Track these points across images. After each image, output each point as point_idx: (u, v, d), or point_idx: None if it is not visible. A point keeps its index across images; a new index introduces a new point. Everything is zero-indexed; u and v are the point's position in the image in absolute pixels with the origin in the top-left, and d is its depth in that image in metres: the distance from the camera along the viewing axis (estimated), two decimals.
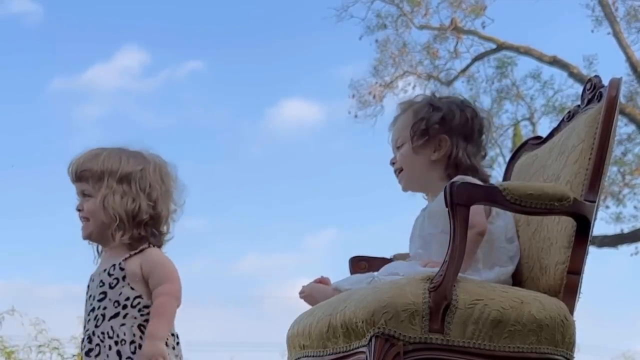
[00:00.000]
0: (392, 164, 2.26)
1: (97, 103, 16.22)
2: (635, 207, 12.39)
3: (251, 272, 15.93)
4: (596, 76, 2.13)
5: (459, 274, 1.77)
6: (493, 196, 1.79)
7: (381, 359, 1.68)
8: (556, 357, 1.82)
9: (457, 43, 13.04)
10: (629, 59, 11.96)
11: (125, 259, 2.27)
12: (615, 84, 2.01)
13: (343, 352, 1.84)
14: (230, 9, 15.94)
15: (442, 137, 2.16)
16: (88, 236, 2.36)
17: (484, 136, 2.21)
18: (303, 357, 2.00)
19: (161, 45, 15.86)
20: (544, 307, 1.81)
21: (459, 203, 1.74)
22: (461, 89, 12.69)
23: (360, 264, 2.36)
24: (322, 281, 2.14)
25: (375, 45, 13.12)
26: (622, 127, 11.99)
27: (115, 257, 2.30)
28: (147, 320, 2.25)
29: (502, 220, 2.06)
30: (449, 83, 12.66)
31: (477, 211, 1.94)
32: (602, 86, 2.07)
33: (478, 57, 13.07)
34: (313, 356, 1.96)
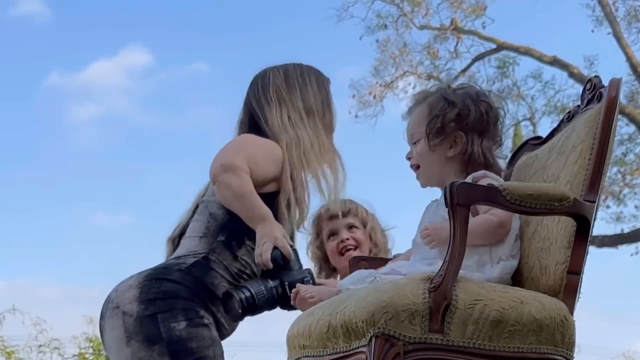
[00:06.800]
0: (409, 158, 2.26)
1: (96, 101, 16.23)
2: (635, 207, 12.41)
3: None
4: (596, 76, 2.12)
5: (462, 271, 1.77)
6: (493, 196, 1.79)
7: (381, 359, 1.68)
8: (556, 357, 1.82)
9: (457, 43, 13.05)
10: (629, 59, 11.96)
11: None
12: (615, 84, 2.01)
13: (343, 352, 1.84)
14: (231, 9, 15.95)
15: (458, 133, 2.16)
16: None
17: (499, 125, 2.22)
18: (303, 357, 2.01)
19: (165, 46, 15.86)
20: (543, 307, 1.81)
21: (458, 203, 1.74)
22: None
23: (360, 264, 2.37)
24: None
25: (376, 46, 13.16)
26: (623, 128, 12.00)
27: None
28: None
29: (516, 221, 2.06)
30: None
31: (508, 214, 1.95)
32: (602, 86, 2.07)
33: (478, 57, 13.08)
34: (313, 356, 1.96)
